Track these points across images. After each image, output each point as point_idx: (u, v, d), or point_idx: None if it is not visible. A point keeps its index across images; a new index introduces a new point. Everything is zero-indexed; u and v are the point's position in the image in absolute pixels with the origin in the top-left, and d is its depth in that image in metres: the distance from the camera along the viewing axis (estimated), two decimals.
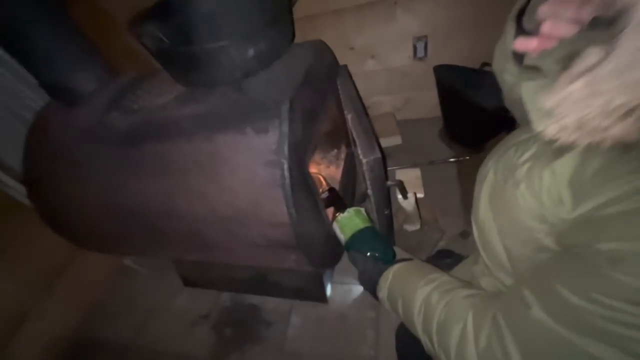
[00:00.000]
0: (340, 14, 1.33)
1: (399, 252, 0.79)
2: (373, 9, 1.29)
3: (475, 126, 1.33)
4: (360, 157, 0.63)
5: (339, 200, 0.94)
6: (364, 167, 0.63)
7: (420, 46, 1.38)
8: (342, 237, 0.82)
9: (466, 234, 0.86)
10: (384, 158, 0.65)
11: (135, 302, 1.30)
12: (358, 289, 1.10)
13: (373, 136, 0.65)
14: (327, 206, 0.93)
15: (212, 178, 0.64)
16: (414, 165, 1.39)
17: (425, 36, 1.34)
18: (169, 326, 1.19)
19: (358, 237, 0.77)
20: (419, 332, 0.52)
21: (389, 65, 1.46)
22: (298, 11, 1.28)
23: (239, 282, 1.17)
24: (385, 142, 1.52)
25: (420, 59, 1.41)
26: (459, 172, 1.35)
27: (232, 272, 1.12)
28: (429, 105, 1.53)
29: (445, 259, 0.78)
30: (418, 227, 0.94)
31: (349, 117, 0.74)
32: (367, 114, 0.72)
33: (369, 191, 0.69)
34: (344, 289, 1.12)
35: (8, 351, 1.13)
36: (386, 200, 0.70)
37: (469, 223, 1.08)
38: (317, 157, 1.15)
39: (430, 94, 1.47)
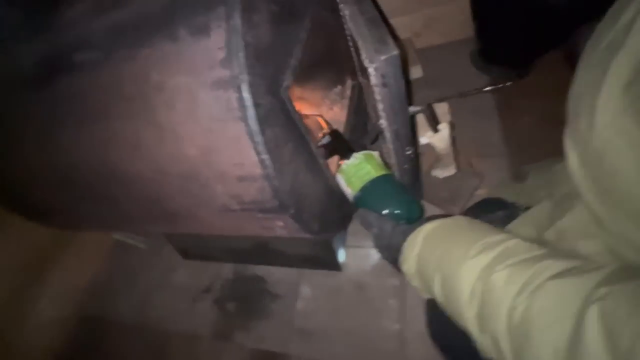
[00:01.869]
0: None
1: (429, 209, 0.58)
2: None
3: (528, 34, 0.96)
4: (366, 63, 0.39)
5: (345, 144, 0.72)
6: (373, 80, 0.40)
7: None
8: (350, 191, 0.61)
9: (522, 174, 0.62)
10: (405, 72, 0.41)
11: (135, 279, 1.20)
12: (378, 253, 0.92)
13: (384, 28, 0.40)
14: (330, 154, 0.71)
15: (145, 117, 0.44)
16: (439, 100, 1.11)
17: None
18: (170, 303, 1.09)
19: (370, 190, 0.57)
20: (473, 328, 0.33)
21: None
22: None
23: (239, 253, 1.01)
24: None
25: None
26: (498, 104, 1.07)
27: (231, 242, 0.97)
28: (457, 21, 1.21)
29: (496, 211, 0.56)
30: (453, 171, 0.71)
31: (346, 13, 0.48)
32: (376, 4, 0.46)
33: (382, 121, 0.46)
34: (360, 253, 0.94)
35: (18, 333, 1.09)
36: (408, 133, 0.47)
37: (516, 164, 0.81)
38: (315, 95, 0.91)
39: (457, 7, 1.15)
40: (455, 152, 0.69)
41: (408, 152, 0.50)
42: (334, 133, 0.74)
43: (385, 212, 0.52)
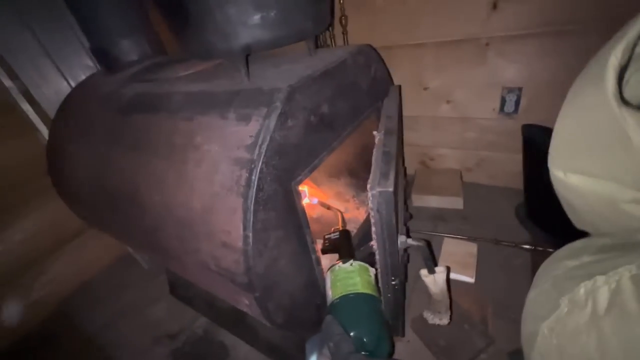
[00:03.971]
0: (419, 48, 1.19)
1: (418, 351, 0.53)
2: (459, 47, 1.11)
3: None
4: (368, 188, 0.43)
5: (349, 247, 0.72)
6: (369, 204, 0.42)
7: (510, 99, 1.13)
8: (330, 294, 0.59)
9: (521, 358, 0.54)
10: (406, 206, 0.43)
11: (119, 296, 1.21)
12: None
13: (393, 165, 0.44)
14: (331, 251, 0.72)
15: (177, 165, 0.51)
16: (471, 239, 1.07)
17: (520, 88, 1.10)
18: (135, 333, 1.06)
19: (348, 303, 0.54)
20: None
21: (467, 114, 1.23)
22: (376, 39, 1.19)
23: (218, 312, 0.98)
24: (441, 202, 1.25)
25: (508, 114, 1.15)
26: (533, 266, 0.98)
27: (215, 297, 0.95)
28: (508, 172, 1.23)
29: None
30: (445, 322, 0.64)
31: (376, 140, 0.55)
32: (401, 142, 0.52)
33: (373, 243, 0.46)
34: None
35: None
36: (395, 263, 0.46)
37: None
38: (347, 192, 0.96)
39: (512, 158, 1.19)
40: (450, 300, 0.63)
41: (393, 282, 0.49)
42: (344, 232, 0.75)
43: (353, 333, 0.49)
